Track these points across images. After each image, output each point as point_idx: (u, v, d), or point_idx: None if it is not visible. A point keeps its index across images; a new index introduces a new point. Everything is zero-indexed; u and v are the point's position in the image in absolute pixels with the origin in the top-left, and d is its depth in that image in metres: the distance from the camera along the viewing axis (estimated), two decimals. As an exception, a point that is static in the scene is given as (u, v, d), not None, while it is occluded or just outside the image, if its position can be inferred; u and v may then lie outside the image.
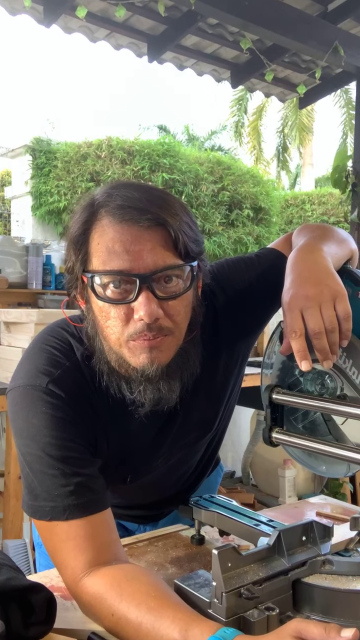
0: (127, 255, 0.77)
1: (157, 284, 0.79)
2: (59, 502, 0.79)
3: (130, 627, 0.70)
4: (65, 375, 0.85)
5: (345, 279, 0.91)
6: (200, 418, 0.99)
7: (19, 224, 6.50)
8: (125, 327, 0.80)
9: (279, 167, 14.90)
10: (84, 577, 0.77)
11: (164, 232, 0.79)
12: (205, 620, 0.66)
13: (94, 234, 0.81)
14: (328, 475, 0.99)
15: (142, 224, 0.78)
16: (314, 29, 3.36)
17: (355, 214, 3.84)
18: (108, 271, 0.78)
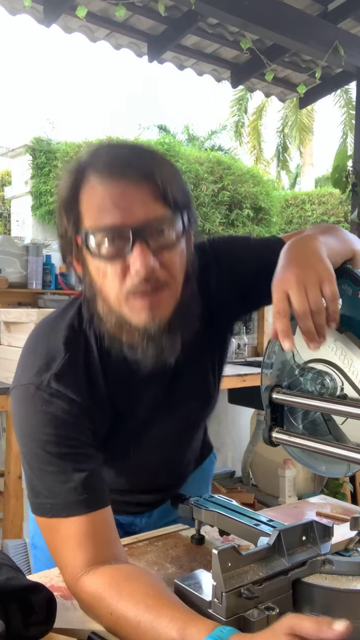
0: (118, 210, 0.78)
1: (150, 237, 0.79)
2: (59, 499, 0.80)
3: (128, 625, 0.70)
4: (65, 366, 0.86)
5: (345, 279, 0.91)
6: (198, 383, 1.01)
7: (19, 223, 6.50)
8: (123, 283, 0.80)
9: (279, 167, 14.89)
10: (84, 576, 0.77)
11: (152, 185, 0.80)
12: (203, 619, 0.67)
13: (83, 194, 0.81)
14: (328, 475, 0.99)
15: (130, 178, 0.79)
16: (314, 29, 3.36)
17: (355, 214, 3.84)
18: (101, 227, 0.79)
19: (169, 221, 0.81)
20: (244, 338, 4.07)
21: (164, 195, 0.80)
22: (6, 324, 2.37)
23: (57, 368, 0.85)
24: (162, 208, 0.80)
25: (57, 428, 0.82)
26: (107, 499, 0.84)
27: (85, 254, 0.82)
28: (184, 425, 1.05)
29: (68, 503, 0.80)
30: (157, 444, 1.01)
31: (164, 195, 0.80)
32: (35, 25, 3.19)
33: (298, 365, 0.95)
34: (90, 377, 0.88)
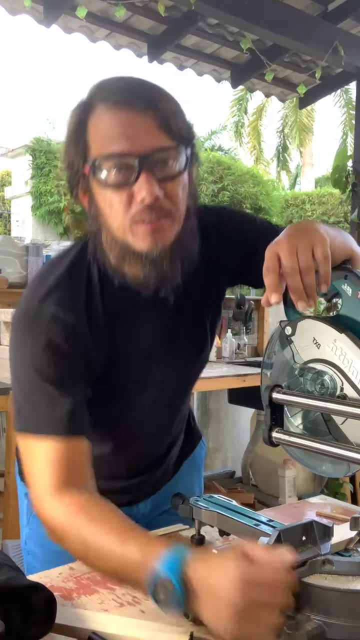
0: (125, 138, 0.81)
1: (156, 166, 0.82)
2: (42, 418, 0.85)
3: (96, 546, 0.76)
4: (66, 294, 0.89)
5: (345, 279, 0.91)
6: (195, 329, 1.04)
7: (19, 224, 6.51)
8: (128, 211, 0.83)
9: (279, 167, 14.89)
10: (52, 497, 0.81)
11: (158, 115, 0.82)
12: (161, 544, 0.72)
13: (91, 123, 0.84)
14: (328, 475, 0.99)
15: (137, 106, 0.81)
16: (314, 29, 3.36)
17: (355, 214, 3.84)
18: (108, 155, 0.81)
19: (174, 152, 0.84)
20: (244, 338, 4.07)
21: (169, 126, 0.83)
22: (6, 324, 2.37)
23: (57, 295, 0.89)
24: (166, 138, 0.83)
25: (52, 352, 0.86)
26: (88, 431, 0.87)
27: (92, 184, 0.85)
28: (179, 376, 1.06)
29: (50, 422, 0.84)
30: (155, 393, 1.02)
31: (169, 126, 0.83)
32: (35, 26, 3.19)
33: (298, 366, 0.95)
34: (90, 306, 0.91)
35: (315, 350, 0.92)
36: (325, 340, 0.91)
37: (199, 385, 1.31)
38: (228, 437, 4.14)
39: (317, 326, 0.90)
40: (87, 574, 0.90)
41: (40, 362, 0.86)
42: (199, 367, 1.12)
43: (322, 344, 0.92)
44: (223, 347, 3.87)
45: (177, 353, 1.02)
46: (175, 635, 0.72)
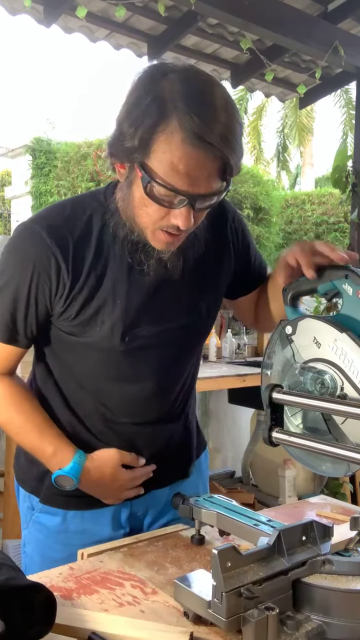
0: (188, 178, 0.85)
1: (200, 203, 0.90)
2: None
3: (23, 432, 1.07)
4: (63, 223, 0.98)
5: (345, 278, 0.91)
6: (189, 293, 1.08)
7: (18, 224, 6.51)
8: (159, 221, 0.92)
9: (279, 167, 14.89)
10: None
11: (223, 162, 0.86)
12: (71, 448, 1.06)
13: (161, 137, 0.84)
14: (328, 474, 1.00)
15: (212, 150, 0.84)
16: (314, 29, 3.35)
17: (355, 214, 3.84)
18: (166, 185, 0.86)
19: (221, 193, 0.90)
20: (244, 338, 4.07)
21: (230, 171, 0.88)
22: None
23: (52, 221, 0.98)
24: (221, 183, 0.89)
25: (22, 266, 0.98)
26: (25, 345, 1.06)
27: (137, 178, 0.89)
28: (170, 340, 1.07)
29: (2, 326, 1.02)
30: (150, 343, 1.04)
31: (230, 172, 0.88)
32: (35, 25, 3.19)
33: (298, 365, 0.95)
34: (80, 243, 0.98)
35: (316, 349, 0.92)
36: (325, 339, 0.91)
37: (199, 385, 1.30)
38: (228, 437, 4.14)
39: (318, 325, 0.90)
40: (87, 574, 0.90)
41: (9, 270, 0.99)
42: (196, 333, 1.13)
43: (322, 343, 0.92)
44: (223, 347, 3.87)
45: (167, 310, 1.06)
46: (175, 635, 0.72)
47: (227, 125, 0.85)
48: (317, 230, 8.63)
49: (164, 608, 0.80)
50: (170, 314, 1.06)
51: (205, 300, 1.10)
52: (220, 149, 0.84)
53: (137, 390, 1.08)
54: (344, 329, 0.89)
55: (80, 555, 0.98)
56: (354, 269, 0.92)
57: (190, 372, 1.17)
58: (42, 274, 0.97)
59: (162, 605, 0.81)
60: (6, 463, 2.41)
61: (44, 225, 0.97)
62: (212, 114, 0.84)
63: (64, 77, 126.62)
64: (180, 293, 1.06)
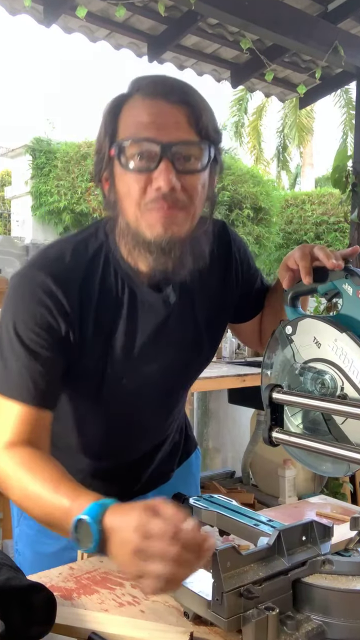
0: (153, 126, 0.84)
1: (177, 158, 0.85)
2: (11, 381, 0.89)
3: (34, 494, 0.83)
4: (64, 269, 0.92)
5: (345, 278, 0.91)
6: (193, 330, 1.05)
7: (19, 224, 6.51)
8: (143, 196, 0.86)
9: (279, 167, 14.90)
10: (7, 450, 0.87)
11: (189, 110, 0.86)
12: (91, 495, 0.78)
13: (124, 110, 0.88)
14: (328, 474, 0.99)
15: (171, 98, 0.85)
16: (314, 29, 3.35)
17: (355, 214, 3.84)
18: (134, 138, 0.85)
19: (197, 148, 0.87)
20: (244, 338, 4.06)
21: (197, 122, 0.86)
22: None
23: (54, 268, 0.91)
24: (193, 134, 0.86)
25: (36, 321, 0.89)
26: (54, 406, 0.92)
27: (115, 168, 0.88)
28: (173, 371, 1.06)
29: (17, 387, 0.88)
30: (148, 384, 1.02)
31: (197, 123, 0.86)
32: (35, 25, 3.19)
33: (298, 365, 0.95)
34: (85, 288, 0.93)
35: (316, 349, 0.92)
36: (325, 339, 0.91)
37: (199, 385, 1.30)
38: (228, 437, 4.14)
39: (318, 325, 0.90)
40: (87, 574, 0.90)
41: (20, 324, 0.89)
42: (197, 367, 1.12)
43: (322, 343, 0.92)
44: (223, 347, 3.86)
45: (171, 349, 1.03)
46: (175, 635, 0.72)
47: (184, 83, 0.90)
48: (317, 230, 8.63)
49: (164, 608, 0.80)
50: (173, 352, 1.03)
51: (208, 335, 1.08)
52: (179, 94, 0.86)
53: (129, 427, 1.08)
54: (344, 329, 0.89)
55: (80, 555, 0.98)
56: (354, 269, 0.92)
57: (184, 398, 1.18)
58: (52, 323, 0.90)
59: (162, 605, 0.81)
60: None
61: (49, 273, 0.91)
62: (167, 76, 0.91)
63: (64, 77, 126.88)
64: (184, 329, 1.03)
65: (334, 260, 0.89)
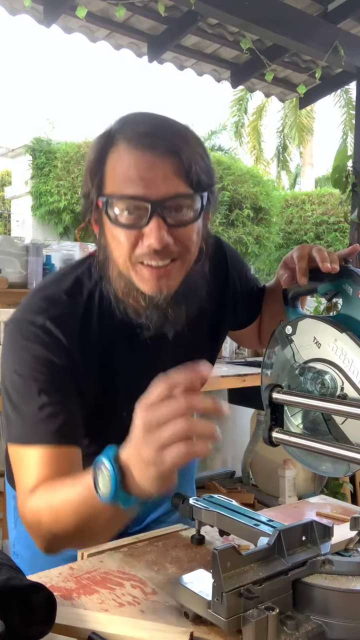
0: (141, 181, 0.81)
1: (168, 212, 0.82)
2: (29, 429, 0.85)
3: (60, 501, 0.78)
4: (63, 312, 0.89)
5: (345, 278, 0.91)
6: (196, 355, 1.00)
7: (19, 224, 6.51)
8: (134, 250, 0.83)
9: (279, 167, 14.91)
10: (31, 497, 0.82)
11: (178, 160, 0.82)
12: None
13: (110, 159, 0.84)
14: (328, 474, 1.00)
15: (158, 150, 0.81)
16: (314, 29, 3.36)
17: (355, 214, 3.84)
18: (122, 195, 0.82)
19: (189, 199, 0.83)
20: (244, 338, 4.06)
21: (188, 173, 0.82)
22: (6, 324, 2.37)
23: (53, 312, 0.88)
24: (183, 185, 0.82)
25: (43, 366, 0.85)
26: (78, 440, 0.87)
27: (104, 218, 0.85)
28: None
29: (38, 433, 0.84)
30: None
31: (188, 173, 0.82)
32: (35, 26, 3.19)
33: (298, 365, 0.95)
34: (85, 330, 0.90)
35: (316, 349, 0.93)
36: (325, 339, 0.91)
37: (199, 385, 1.30)
38: (228, 437, 4.14)
39: (318, 325, 0.90)
40: (87, 574, 0.90)
41: (23, 367, 0.85)
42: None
43: (322, 343, 0.92)
44: (223, 347, 3.86)
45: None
46: (175, 635, 0.72)
47: (173, 127, 0.85)
48: (317, 230, 8.64)
49: (164, 608, 0.80)
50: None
51: (207, 353, 1.07)
52: (168, 145, 0.81)
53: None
54: (344, 329, 0.89)
55: (80, 555, 0.98)
56: (354, 269, 0.92)
57: None
58: (54, 360, 0.87)
59: (162, 605, 0.81)
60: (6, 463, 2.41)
61: (47, 316, 0.88)
62: (156, 120, 0.86)
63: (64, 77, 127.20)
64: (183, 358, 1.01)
65: (328, 264, 0.88)
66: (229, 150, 13.99)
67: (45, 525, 0.81)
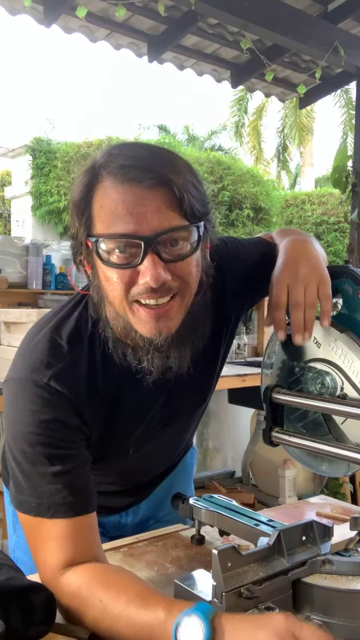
0: (131, 217, 0.75)
1: (163, 247, 0.76)
2: (44, 500, 0.79)
3: (118, 609, 0.71)
4: (66, 366, 0.83)
5: (345, 278, 0.91)
6: (201, 384, 1.01)
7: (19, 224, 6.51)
8: (129, 290, 0.78)
9: (279, 167, 14.91)
10: (65, 573, 0.77)
11: (168, 191, 0.76)
12: (188, 602, 0.68)
13: (96, 197, 0.78)
14: (328, 474, 1.00)
15: (145, 183, 0.75)
16: (314, 29, 3.35)
17: (355, 214, 3.84)
18: (112, 235, 0.76)
19: (184, 231, 0.77)
20: (244, 338, 4.07)
21: (180, 203, 0.76)
22: (6, 324, 2.37)
23: (57, 367, 0.82)
24: (177, 217, 0.76)
25: (50, 428, 0.80)
26: (94, 504, 0.83)
27: (95, 258, 0.80)
28: (181, 427, 1.06)
29: (53, 504, 0.79)
30: (155, 445, 1.01)
31: (180, 204, 0.76)
32: (35, 26, 3.19)
33: (298, 365, 0.95)
34: (91, 380, 0.86)
35: (316, 349, 0.93)
36: (325, 339, 0.91)
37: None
38: (228, 437, 4.14)
39: (317, 325, 0.90)
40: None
41: (33, 436, 0.80)
42: (201, 411, 1.09)
43: (322, 343, 0.92)
44: (223, 347, 3.86)
45: (179, 414, 1.00)
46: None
47: (160, 157, 0.79)
48: (317, 230, 8.64)
49: (164, 608, 0.80)
50: (178, 413, 1.00)
51: (212, 382, 1.05)
52: (156, 177, 0.75)
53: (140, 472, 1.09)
54: (344, 329, 0.89)
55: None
56: (354, 269, 0.92)
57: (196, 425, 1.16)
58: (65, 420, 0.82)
59: (162, 605, 0.81)
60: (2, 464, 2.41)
61: (49, 374, 0.81)
62: (142, 150, 0.80)
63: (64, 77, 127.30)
64: (189, 388, 0.97)
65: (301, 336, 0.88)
66: (229, 150, 14.00)
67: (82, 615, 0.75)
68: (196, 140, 14.15)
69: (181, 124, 20.38)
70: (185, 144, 12.54)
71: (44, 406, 0.81)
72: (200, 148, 11.84)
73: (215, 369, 1.04)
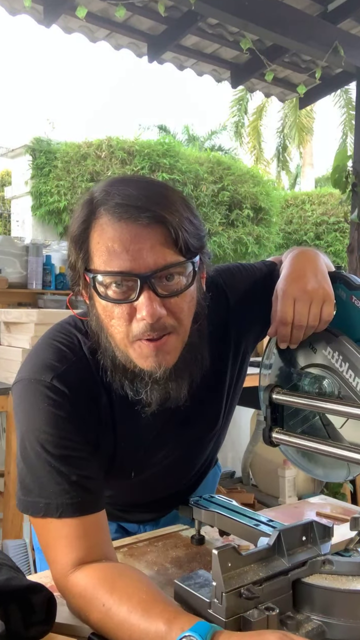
0: (127, 254, 0.77)
1: (159, 283, 0.79)
2: (52, 500, 0.80)
3: (120, 616, 0.71)
4: (71, 370, 0.86)
5: (339, 284, 0.91)
6: (205, 412, 1.00)
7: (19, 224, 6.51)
8: (129, 326, 0.80)
9: (279, 167, 14.90)
10: (74, 572, 0.78)
11: (164, 229, 0.78)
12: (190, 615, 0.69)
13: (94, 233, 0.81)
14: (327, 479, 0.99)
15: (141, 221, 0.77)
16: (314, 29, 3.36)
17: (355, 214, 3.84)
18: (109, 272, 0.78)
19: (179, 267, 0.80)
20: (244, 338, 4.06)
21: (175, 240, 0.79)
22: (6, 324, 2.37)
23: (63, 368, 0.85)
24: (172, 254, 0.79)
25: (57, 428, 0.82)
26: (101, 503, 0.84)
27: (93, 292, 0.82)
28: (189, 451, 1.04)
29: (61, 504, 0.80)
30: (158, 466, 1.00)
31: (175, 241, 0.79)
32: (35, 26, 3.19)
33: (295, 371, 0.95)
34: (93, 389, 0.88)
35: (312, 354, 0.93)
36: (321, 344, 0.91)
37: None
38: (228, 437, 4.12)
39: (316, 328, 0.90)
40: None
41: (42, 434, 0.82)
42: (213, 436, 1.08)
43: (318, 348, 0.92)
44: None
45: (181, 442, 1.00)
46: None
47: (156, 194, 0.81)
48: (317, 230, 8.64)
49: (164, 608, 0.80)
50: (179, 441, 0.99)
51: (219, 408, 1.03)
52: (151, 215, 0.77)
53: (149, 493, 1.08)
54: (338, 334, 0.89)
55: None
56: (347, 275, 0.93)
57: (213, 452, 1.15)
58: (72, 421, 0.84)
59: (162, 605, 0.81)
60: (6, 463, 2.41)
61: (53, 376, 0.84)
62: (138, 188, 0.81)
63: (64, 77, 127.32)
64: (190, 419, 0.97)
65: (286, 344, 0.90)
66: (229, 150, 13.99)
67: (88, 615, 0.76)
68: (196, 140, 14.14)
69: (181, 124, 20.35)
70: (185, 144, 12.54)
71: (51, 406, 0.83)
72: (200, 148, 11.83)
73: (222, 396, 1.02)
